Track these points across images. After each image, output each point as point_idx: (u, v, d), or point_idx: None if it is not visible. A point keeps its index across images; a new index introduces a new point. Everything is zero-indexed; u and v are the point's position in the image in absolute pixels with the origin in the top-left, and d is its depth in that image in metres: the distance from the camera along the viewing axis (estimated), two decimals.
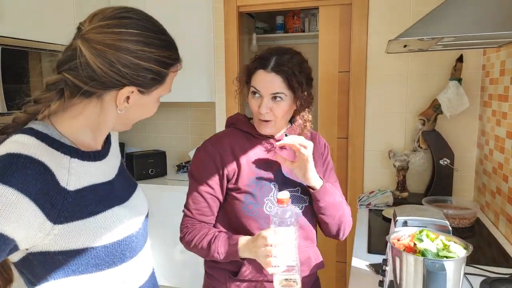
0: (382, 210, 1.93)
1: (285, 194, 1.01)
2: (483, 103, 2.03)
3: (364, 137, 2.29)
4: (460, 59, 2.01)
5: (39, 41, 1.95)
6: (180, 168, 2.89)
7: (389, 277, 1.06)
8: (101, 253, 0.75)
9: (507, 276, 1.24)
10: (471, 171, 2.14)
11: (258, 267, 1.12)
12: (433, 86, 2.15)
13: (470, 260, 1.35)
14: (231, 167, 1.15)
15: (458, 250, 0.92)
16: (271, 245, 0.99)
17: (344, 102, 2.36)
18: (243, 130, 1.21)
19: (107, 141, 0.90)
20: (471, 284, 1.17)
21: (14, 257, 0.73)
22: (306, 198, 1.20)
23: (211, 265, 1.22)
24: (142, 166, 2.70)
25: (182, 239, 1.19)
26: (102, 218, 0.75)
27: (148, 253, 0.91)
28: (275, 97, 1.12)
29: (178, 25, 2.58)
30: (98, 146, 0.83)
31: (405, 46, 1.51)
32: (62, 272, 0.73)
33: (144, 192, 0.96)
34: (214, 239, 1.12)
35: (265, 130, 1.16)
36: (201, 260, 2.66)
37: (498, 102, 1.78)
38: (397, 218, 1.08)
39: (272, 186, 1.16)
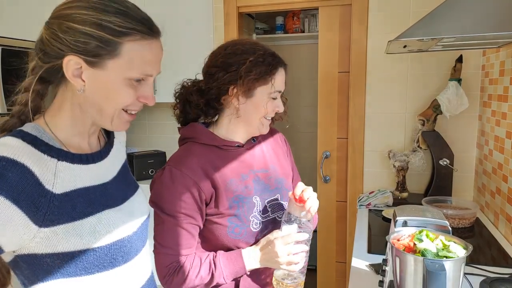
0: (382, 210, 1.94)
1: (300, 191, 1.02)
2: (483, 104, 2.03)
3: (363, 137, 2.30)
4: (459, 60, 2.01)
5: None
6: None
7: (389, 277, 1.06)
8: (90, 257, 0.73)
9: (506, 276, 1.24)
10: (470, 171, 2.14)
11: (255, 277, 1.08)
12: (432, 86, 2.15)
13: (470, 260, 1.35)
14: (208, 191, 1.02)
15: (458, 250, 0.92)
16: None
17: (344, 103, 2.36)
18: (206, 144, 1.07)
19: (109, 141, 0.89)
20: (470, 284, 1.18)
21: (6, 258, 0.73)
22: (285, 203, 1.14)
23: None
24: (142, 166, 2.71)
25: (169, 282, 1.01)
26: (91, 222, 0.74)
27: (146, 257, 0.89)
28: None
29: (178, 25, 2.58)
30: (93, 148, 0.82)
31: (404, 46, 1.51)
32: (51, 275, 0.72)
33: (144, 192, 0.95)
34: (215, 266, 1.01)
35: (267, 129, 1.11)
36: None
37: (498, 102, 1.78)
38: (397, 218, 1.08)
39: (254, 200, 1.07)
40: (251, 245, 1.07)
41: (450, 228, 1.04)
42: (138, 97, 0.76)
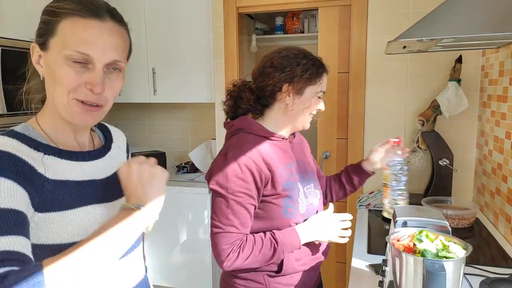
0: (382, 210, 1.93)
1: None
2: (482, 104, 2.03)
3: (363, 137, 2.30)
4: (459, 60, 2.02)
5: None
6: (179, 169, 2.89)
7: (389, 277, 1.06)
8: None
9: (506, 276, 1.24)
10: (470, 172, 2.15)
11: (298, 257, 1.20)
12: (432, 86, 2.15)
13: (470, 261, 1.35)
14: (267, 174, 1.14)
15: (458, 250, 0.93)
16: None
17: (343, 103, 2.36)
18: (257, 135, 1.19)
19: (106, 144, 0.90)
20: (470, 284, 1.18)
21: None
22: (318, 191, 1.30)
23: (246, 271, 1.19)
24: None
25: (232, 260, 1.10)
26: (77, 213, 0.74)
27: (138, 259, 0.89)
28: None
29: (178, 26, 2.58)
30: (84, 147, 0.83)
31: (404, 47, 1.51)
32: None
33: None
34: (276, 242, 1.12)
35: (309, 125, 1.27)
36: (197, 260, 2.64)
37: (497, 102, 1.79)
38: (397, 218, 1.09)
39: (299, 186, 1.22)
40: None
41: (450, 229, 1.04)
42: (85, 83, 0.73)
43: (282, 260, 1.17)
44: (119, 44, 0.76)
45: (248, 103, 1.21)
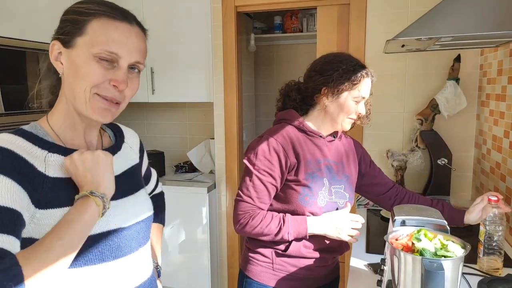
0: (380, 210, 1.94)
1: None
2: (481, 103, 2.03)
3: (362, 137, 2.30)
4: (457, 59, 2.02)
5: (36, 42, 1.95)
6: (178, 168, 2.89)
7: (387, 276, 1.06)
8: None
9: (504, 275, 1.24)
10: (469, 171, 2.15)
11: (308, 245, 1.28)
12: (430, 86, 2.15)
13: (468, 260, 1.35)
14: (293, 161, 1.24)
15: (456, 249, 0.92)
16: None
17: None
18: (296, 127, 1.29)
19: (116, 144, 0.91)
20: (468, 284, 1.18)
21: None
22: (347, 195, 1.34)
23: (257, 243, 1.32)
24: None
25: (242, 225, 1.24)
26: None
27: (144, 258, 0.89)
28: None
29: (176, 25, 2.57)
30: (92, 146, 0.84)
31: (403, 46, 1.51)
32: None
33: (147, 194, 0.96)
34: (284, 222, 1.23)
35: (349, 127, 1.32)
36: (196, 260, 2.65)
37: (496, 101, 1.79)
38: (395, 217, 1.08)
39: (324, 181, 1.28)
40: None
41: (448, 228, 1.04)
42: (110, 80, 0.77)
43: (291, 242, 1.26)
44: (142, 47, 0.82)
45: (295, 102, 1.33)
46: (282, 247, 1.28)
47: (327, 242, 1.30)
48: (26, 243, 0.70)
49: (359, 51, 2.23)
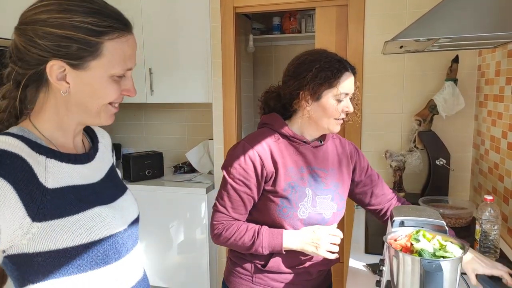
0: None
1: None
2: (479, 104, 2.04)
3: (360, 137, 2.30)
4: (455, 60, 2.02)
5: None
6: (177, 169, 2.89)
7: (386, 277, 1.06)
8: (83, 253, 0.73)
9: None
10: (467, 171, 2.15)
11: (285, 259, 1.22)
12: (429, 86, 2.16)
13: None
14: (270, 170, 1.17)
15: (455, 250, 0.93)
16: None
17: None
18: (279, 132, 1.22)
19: (94, 146, 0.89)
20: (467, 284, 1.18)
21: None
22: (335, 205, 1.25)
23: (237, 255, 1.28)
24: (139, 167, 2.70)
25: (217, 235, 1.20)
26: (83, 217, 0.74)
27: (137, 258, 0.89)
28: (350, 98, 1.22)
29: (175, 26, 2.57)
30: (78, 149, 0.83)
31: (401, 47, 1.51)
32: (42, 276, 0.71)
33: (140, 193, 0.96)
34: (258, 235, 1.17)
35: (337, 128, 1.21)
36: (195, 261, 2.65)
37: (494, 102, 1.79)
38: (394, 218, 1.08)
39: (307, 192, 1.20)
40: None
41: (447, 228, 1.04)
42: (121, 91, 0.78)
43: (271, 256, 1.21)
44: None
45: (275, 110, 1.27)
46: (261, 261, 1.23)
47: (308, 256, 1.23)
48: (17, 259, 0.69)
49: (357, 52, 2.24)
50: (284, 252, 1.18)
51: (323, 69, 1.13)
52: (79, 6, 0.71)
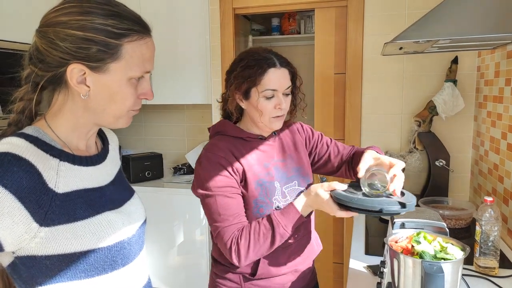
0: None
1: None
2: (478, 104, 2.04)
3: (360, 138, 2.30)
4: (455, 61, 2.02)
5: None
6: (176, 170, 2.89)
7: (387, 279, 1.06)
8: (91, 259, 0.73)
9: (506, 277, 1.25)
10: (466, 172, 2.15)
11: (274, 262, 1.19)
12: (428, 87, 2.16)
13: (466, 261, 1.35)
14: (239, 169, 1.15)
15: (456, 251, 0.93)
16: None
17: (340, 104, 2.37)
18: (233, 136, 1.20)
19: (104, 147, 0.89)
20: (468, 286, 1.18)
21: (4, 261, 0.72)
22: (303, 188, 1.25)
23: (222, 269, 1.23)
24: (139, 168, 2.69)
25: (236, 251, 1.08)
26: (92, 223, 0.74)
27: (144, 262, 0.89)
28: (287, 94, 1.17)
29: (174, 27, 2.57)
30: (91, 151, 0.83)
31: (400, 48, 1.52)
32: (50, 278, 0.71)
33: (140, 195, 0.95)
34: (271, 219, 1.09)
35: (278, 125, 1.19)
36: (195, 262, 2.64)
37: (493, 103, 1.79)
38: (395, 220, 1.09)
39: (276, 185, 1.19)
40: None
41: (448, 230, 1.05)
42: (138, 95, 0.78)
43: (258, 263, 1.17)
44: None
45: (229, 112, 1.23)
46: (249, 270, 1.19)
47: (296, 253, 1.22)
48: (27, 261, 0.70)
49: (356, 53, 2.24)
50: (306, 219, 1.11)
51: (248, 67, 1.13)
52: (99, 9, 0.71)
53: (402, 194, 1.03)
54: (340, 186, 1.06)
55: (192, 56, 2.57)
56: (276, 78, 1.13)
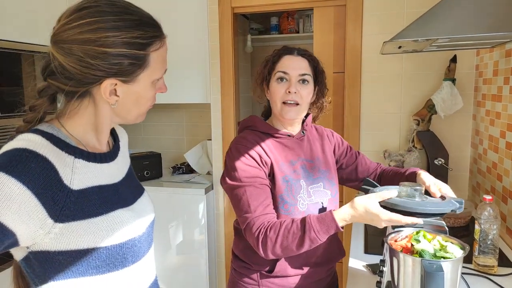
0: None
1: None
2: (477, 103, 2.04)
3: (359, 137, 2.30)
4: (453, 60, 2.03)
5: (32, 44, 1.94)
6: (175, 170, 2.88)
7: (386, 278, 1.06)
8: (103, 255, 0.74)
9: (506, 274, 1.25)
10: (465, 171, 2.16)
11: (292, 261, 1.19)
12: (427, 86, 2.16)
13: (466, 259, 1.36)
14: (268, 162, 1.16)
15: (455, 250, 0.93)
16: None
17: (339, 103, 2.37)
18: (261, 131, 1.22)
19: (115, 144, 0.90)
20: (467, 284, 1.18)
21: (17, 256, 0.73)
22: (328, 192, 1.25)
23: (242, 265, 1.25)
24: (137, 168, 2.69)
25: (263, 242, 1.06)
26: (105, 220, 0.75)
27: (152, 259, 0.90)
28: (302, 80, 1.19)
29: (173, 26, 2.56)
30: (103, 148, 0.84)
31: (399, 47, 1.52)
32: (62, 274, 0.73)
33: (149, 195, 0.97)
34: (305, 221, 1.04)
35: (290, 114, 1.18)
36: (194, 262, 2.64)
37: (492, 102, 1.80)
38: None
39: (301, 183, 1.19)
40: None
41: (447, 229, 1.05)
42: (156, 91, 0.82)
43: (277, 260, 1.17)
44: None
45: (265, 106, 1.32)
46: (267, 268, 1.20)
47: (316, 255, 1.22)
48: (40, 256, 0.71)
49: (355, 51, 2.24)
50: (342, 230, 1.06)
51: (268, 58, 1.22)
52: (122, 21, 0.72)
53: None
54: (392, 194, 1.01)
55: (191, 55, 2.56)
56: (289, 63, 1.17)
